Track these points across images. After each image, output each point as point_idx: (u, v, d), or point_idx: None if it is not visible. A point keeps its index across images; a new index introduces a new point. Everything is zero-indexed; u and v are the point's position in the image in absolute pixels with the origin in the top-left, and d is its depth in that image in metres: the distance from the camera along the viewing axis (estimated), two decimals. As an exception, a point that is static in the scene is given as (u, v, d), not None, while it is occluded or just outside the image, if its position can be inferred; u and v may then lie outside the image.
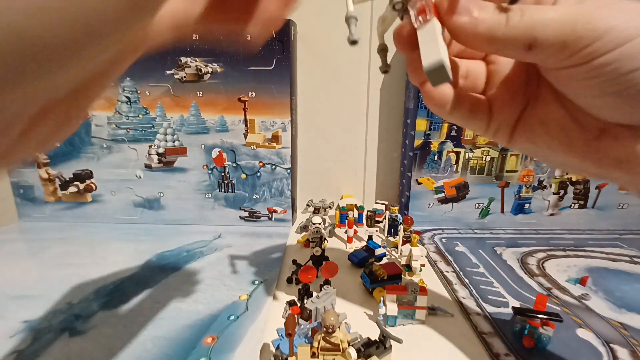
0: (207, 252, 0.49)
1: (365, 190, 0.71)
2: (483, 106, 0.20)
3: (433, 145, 0.57)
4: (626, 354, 0.31)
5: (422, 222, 0.59)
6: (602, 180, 0.20)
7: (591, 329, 0.34)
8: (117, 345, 0.31)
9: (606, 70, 0.14)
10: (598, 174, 0.19)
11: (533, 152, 0.21)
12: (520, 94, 0.20)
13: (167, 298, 0.38)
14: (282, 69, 0.53)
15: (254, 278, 0.42)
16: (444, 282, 0.42)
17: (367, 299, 0.39)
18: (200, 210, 0.59)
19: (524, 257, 0.49)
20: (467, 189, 0.59)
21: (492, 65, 0.20)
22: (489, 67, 0.21)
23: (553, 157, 0.20)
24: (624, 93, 0.15)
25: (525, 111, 0.20)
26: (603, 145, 0.18)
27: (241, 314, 0.35)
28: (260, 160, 0.57)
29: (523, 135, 0.20)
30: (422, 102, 0.55)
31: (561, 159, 0.20)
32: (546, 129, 0.19)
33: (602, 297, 0.39)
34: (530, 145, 0.21)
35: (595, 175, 0.20)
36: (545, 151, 0.20)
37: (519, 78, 0.20)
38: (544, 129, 0.19)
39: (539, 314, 0.32)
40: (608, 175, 0.19)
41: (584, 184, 0.58)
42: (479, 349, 0.32)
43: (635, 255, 0.50)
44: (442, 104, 0.19)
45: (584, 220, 0.59)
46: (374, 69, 0.63)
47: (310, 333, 0.32)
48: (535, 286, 0.42)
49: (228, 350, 0.31)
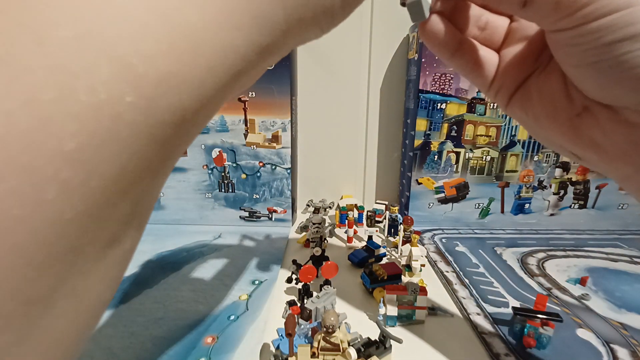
0: (207, 252, 0.49)
1: (365, 190, 0.71)
2: (490, 62, 0.20)
3: (433, 145, 0.57)
4: (626, 354, 0.31)
5: (422, 222, 0.59)
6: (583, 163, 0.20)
7: (591, 329, 0.34)
8: (117, 345, 0.31)
9: (590, 39, 0.14)
10: (576, 155, 0.19)
11: (523, 122, 0.21)
12: (532, 59, 0.19)
13: (167, 298, 0.38)
14: (282, 69, 0.53)
15: (254, 278, 0.42)
16: (444, 282, 0.42)
17: (367, 299, 0.39)
18: (200, 210, 0.59)
19: (524, 257, 0.49)
20: (467, 189, 0.59)
21: (515, 22, 0.20)
22: (511, 25, 0.20)
23: (538, 130, 0.20)
24: (599, 66, 0.15)
25: (529, 78, 0.20)
26: (582, 124, 0.18)
27: (241, 314, 0.35)
28: (260, 160, 0.57)
29: (519, 101, 0.20)
30: (422, 102, 0.55)
31: (545, 133, 0.20)
32: (540, 99, 0.19)
33: (602, 297, 0.39)
34: (521, 114, 0.20)
35: (574, 156, 0.20)
36: (532, 122, 0.20)
37: (536, 42, 0.19)
38: (538, 98, 0.19)
39: (539, 314, 0.32)
40: (585, 157, 0.19)
41: (584, 184, 0.58)
42: (479, 349, 0.32)
43: (635, 255, 0.50)
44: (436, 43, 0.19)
45: (584, 220, 0.59)
46: (374, 69, 0.63)
47: (310, 333, 0.32)
48: (535, 286, 0.42)
49: (228, 350, 0.31)
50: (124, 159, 0.09)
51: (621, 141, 0.17)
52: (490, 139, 0.56)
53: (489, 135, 0.56)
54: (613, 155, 0.17)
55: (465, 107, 0.55)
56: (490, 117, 0.55)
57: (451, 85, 0.54)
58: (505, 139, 0.56)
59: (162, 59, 0.09)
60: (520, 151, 0.56)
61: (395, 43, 0.62)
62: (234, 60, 0.10)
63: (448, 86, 0.54)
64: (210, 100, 0.11)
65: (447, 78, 0.54)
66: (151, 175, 0.10)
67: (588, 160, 0.19)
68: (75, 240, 0.09)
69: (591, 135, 0.17)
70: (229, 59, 0.10)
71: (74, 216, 0.08)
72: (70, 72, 0.08)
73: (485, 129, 0.56)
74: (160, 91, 0.09)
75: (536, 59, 0.19)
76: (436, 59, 0.53)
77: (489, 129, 0.56)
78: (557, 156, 0.57)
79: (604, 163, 0.18)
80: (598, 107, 0.17)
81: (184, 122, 0.10)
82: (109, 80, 0.08)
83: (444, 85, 0.54)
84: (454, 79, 0.54)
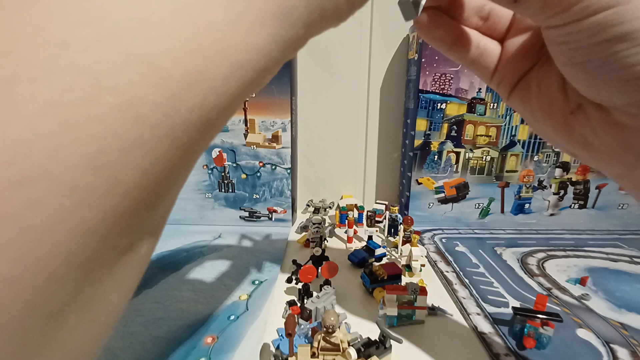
0: (207, 252, 0.49)
1: (365, 190, 0.71)
2: (491, 54, 0.20)
3: (433, 145, 0.57)
4: (626, 354, 0.31)
5: (422, 222, 0.59)
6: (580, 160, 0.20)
7: (591, 329, 0.34)
8: (117, 345, 0.31)
9: (579, 37, 0.14)
10: (569, 151, 0.19)
11: (522, 114, 0.21)
12: (535, 50, 0.19)
13: (167, 298, 0.38)
14: (282, 69, 0.53)
15: (254, 278, 0.42)
16: (444, 282, 0.42)
17: (367, 299, 0.39)
18: (200, 210, 0.59)
19: (524, 257, 0.49)
20: (467, 189, 0.59)
21: None
22: (515, 15, 0.20)
23: (535, 124, 0.20)
24: (588, 65, 0.14)
25: (531, 70, 0.19)
26: (575, 122, 0.17)
27: (241, 314, 0.35)
28: (260, 160, 0.57)
29: (519, 94, 0.20)
30: (422, 102, 0.55)
31: (540, 128, 0.20)
32: (538, 93, 0.19)
33: (602, 297, 0.39)
34: (520, 107, 0.20)
35: (568, 152, 0.20)
36: (529, 116, 0.20)
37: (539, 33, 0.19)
38: (537, 92, 0.19)
39: (539, 314, 0.32)
40: (577, 154, 0.19)
41: (584, 184, 0.58)
42: (479, 349, 0.32)
43: (635, 255, 0.50)
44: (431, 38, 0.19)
45: (584, 220, 0.59)
46: (374, 69, 0.63)
47: (310, 333, 0.32)
48: (535, 286, 0.41)
49: (228, 350, 0.31)
50: (147, 163, 0.09)
51: (611, 141, 0.17)
52: (490, 139, 0.56)
53: (489, 135, 0.56)
54: (604, 155, 0.17)
55: (465, 107, 0.55)
56: (490, 117, 0.55)
57: (451, 85, 0.54)
58: (505, 139, 0.56)
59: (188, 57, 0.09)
60: (520, 151, 0.56)
61: (395, 43, 0.62)
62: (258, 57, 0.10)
63: (448, 86, 0.54)
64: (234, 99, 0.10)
65: (447, 78, 0.54)
66: (172, 179, 0.10)
67: (581, 158, 0.19)
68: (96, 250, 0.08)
69: (583, 133, 0.17)
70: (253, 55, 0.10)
71: (96, 224, 0.08)
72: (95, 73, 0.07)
73: (485, 129, 0.56)
74: (186, 90, 0.09)
75: (539, 49, 0.19)
76: (436, 59, 0.53)
77: (489, 129, 0.56)
78: (557, 156, 0.57)
79: (596, 162, 0.18)
80: (590, 105, 0.17)
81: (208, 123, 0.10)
82: (134, 80, 0.08)
83: (444, 85, 0.54)
84: (454, 79, 0.54)
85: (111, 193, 0.08)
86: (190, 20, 0.09)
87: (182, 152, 0.10)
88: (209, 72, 0.09)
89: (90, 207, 0.08)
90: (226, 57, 0.09)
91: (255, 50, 0.10)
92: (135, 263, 0.11)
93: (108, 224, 0.08)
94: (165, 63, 0.08)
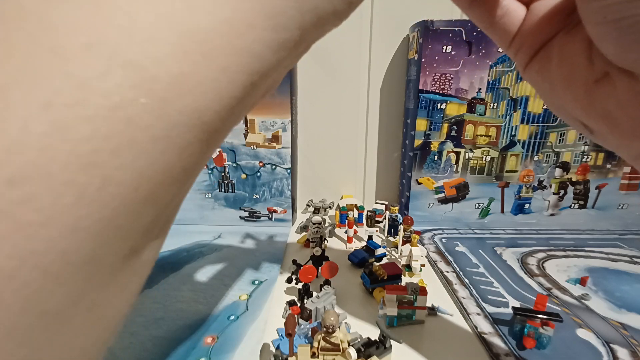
0: (207, 252, 0.49)
1: (365, 190, 0.71)
2: (514, 16, 0.18)
3: (433, 145, 0.57)
4: (626, 354, 0.31)
5: (422, 222, 0.59)
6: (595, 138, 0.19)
7: (591, 329, 0.34)
8: (117, 345, 0.31)
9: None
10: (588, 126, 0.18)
11: (537, 85, 0.20)
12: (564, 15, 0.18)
13: (167, 298, 0.38)
14: (282, 69, 0.53)
15: (254, 278, 0.42)
16: (444, 282, 0.42)
17: (367, 299, 0.39)
18: (200, 210, 0.59)
19: (524, 257, 0.49)
20: (467, 189, 0.59)
21: None
22: None
23: (550, 94, 0.19)
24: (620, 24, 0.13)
25: (554, 38, 0.18)
26: (598, 92, 0.16)
27: (241, 314, 0.35)
28: (260, 160, 0.57)
29: (538, 63, 0.19)
30: (422, 102, 0.55)
31: (556, 98, 0.19)
32: (559, 61, 0.18)
33: (602, 297, 0.39)
34: (536, 77, 0.19)
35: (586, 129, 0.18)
36: (546, 86, 0.19)
37: None
38: (558, 60, 0.18)
39: (539, 314, 0.32)
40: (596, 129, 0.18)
41: (584, 184, 0.58)
42: (479, 349, 0.32)
43: (635, 255, 0.50)
44: None
45: (584, 220, 0.59)
46: (374, 69, 0.63)
47: (310, 333, 0.32)
48: (535, 286, 0.42)
49: (228, 350, 0.31)
50: (142, 165, 0.09)
51: (636, 114, 0.15)
52: (490, 139, 0.56)
53: (489, 135, 0.56)
54: (626, 129, 0.16)
55: (465, 107, 0.55)
56: (490, 117, 0.55)
57: (451, 85, 0.54)
58: (505, 139, 0.56)
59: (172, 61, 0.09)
60: (520, 151, 0.56)
61: (395, 43, 0.62)
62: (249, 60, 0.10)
63: (448, 86, 0.54)
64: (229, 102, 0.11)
65: (447, 78, 0.54)
66: (173, 183, 0.10)
67: (599, 133, 0.18)
68: (94, 251, 0.09)
69: (606, 105, 0.16)
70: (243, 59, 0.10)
71: (91, 224, 0.08)
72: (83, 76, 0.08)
73: (485, 129, 0.56)
74: (173, 92, 0.09)
75: (568, 15, 0.17)
76: (436, 59, 0.53)
77: (489, 129, 0.56)
78: (557, 156, 0.57)
79: (615, 138, 0.17)
80: (619, 74, 0.16)
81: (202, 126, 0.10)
82: (122, 82, 0.08)
83: (444, 85, 0.54)
84: (453, 79, 0.54)
85: (106, 193, 0.08)
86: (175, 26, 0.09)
87: (179, 155, 0.10)
88: (195, 75, 0.09)
89: (85, 205, 0.08)
90: (212, 60, 0.10)
91: (245, 54, 0.10)
92: (139, 268, 0.11)
93: (104, 224, 0.09)
94: (150, 66, 0.09)
